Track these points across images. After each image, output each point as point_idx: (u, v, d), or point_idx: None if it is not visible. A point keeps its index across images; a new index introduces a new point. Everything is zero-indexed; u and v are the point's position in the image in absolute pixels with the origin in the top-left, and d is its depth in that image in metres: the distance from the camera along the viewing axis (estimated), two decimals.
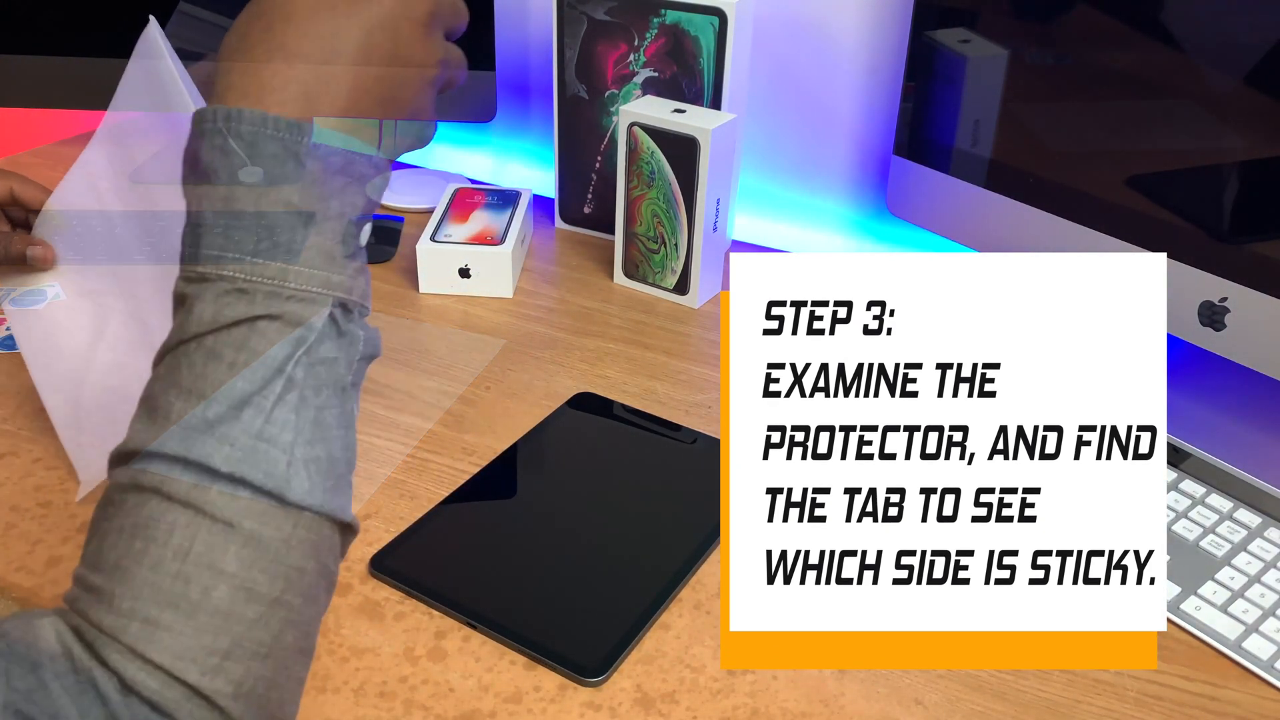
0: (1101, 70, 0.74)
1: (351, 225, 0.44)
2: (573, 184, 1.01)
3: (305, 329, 0.42)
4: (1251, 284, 0.68)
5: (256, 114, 0.42)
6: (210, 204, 0.42)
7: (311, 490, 0.41)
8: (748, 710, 0.53)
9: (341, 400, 0.44)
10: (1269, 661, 0.56)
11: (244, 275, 0.41)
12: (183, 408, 0.41)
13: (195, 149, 0.42)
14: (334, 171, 0.43)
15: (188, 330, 0.42)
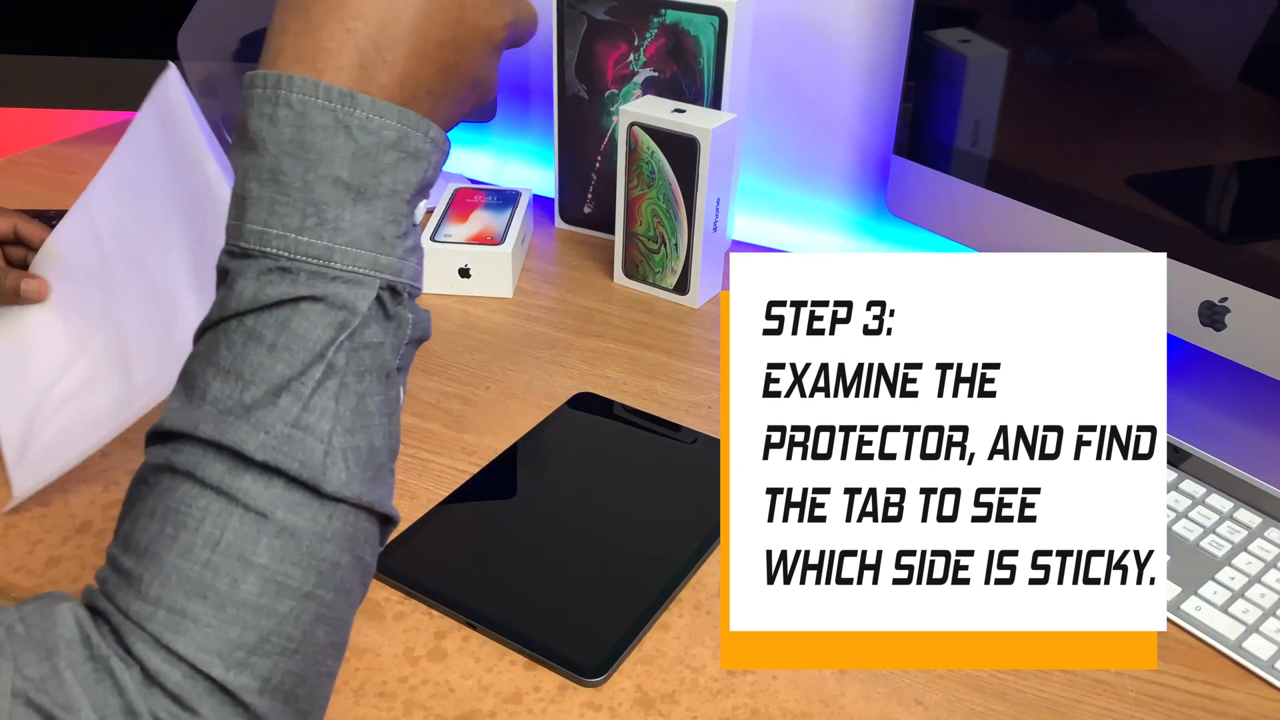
0: (1101, 70, 0.74)
1: (404, 204, 0.42)
2: (573, 184, 1.01)
3: (349, 312, 0.40)
4: (1251, 284, 0.68)
5: (308, 82, 0.39)
6: (256, 175, 0.40)
7: (349, 481, 0.40)
8: (748, 710, 0.53)
9: (385, 386, 0.42)
10: (1269, 662, 0.56)
11: (288, 253, 0.39)
12: (220, 388, 0.39)
13: (243, 116, 0.40)
14: (388, 146, 0.41)
15: (228, 307, 0.40)
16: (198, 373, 0.40)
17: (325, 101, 0.39)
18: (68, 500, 0.65)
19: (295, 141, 0.39)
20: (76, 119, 1.23)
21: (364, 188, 0.40)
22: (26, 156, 1.15)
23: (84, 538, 0.62)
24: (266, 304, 0.39)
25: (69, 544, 0.61)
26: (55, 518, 0.63)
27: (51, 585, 0.58)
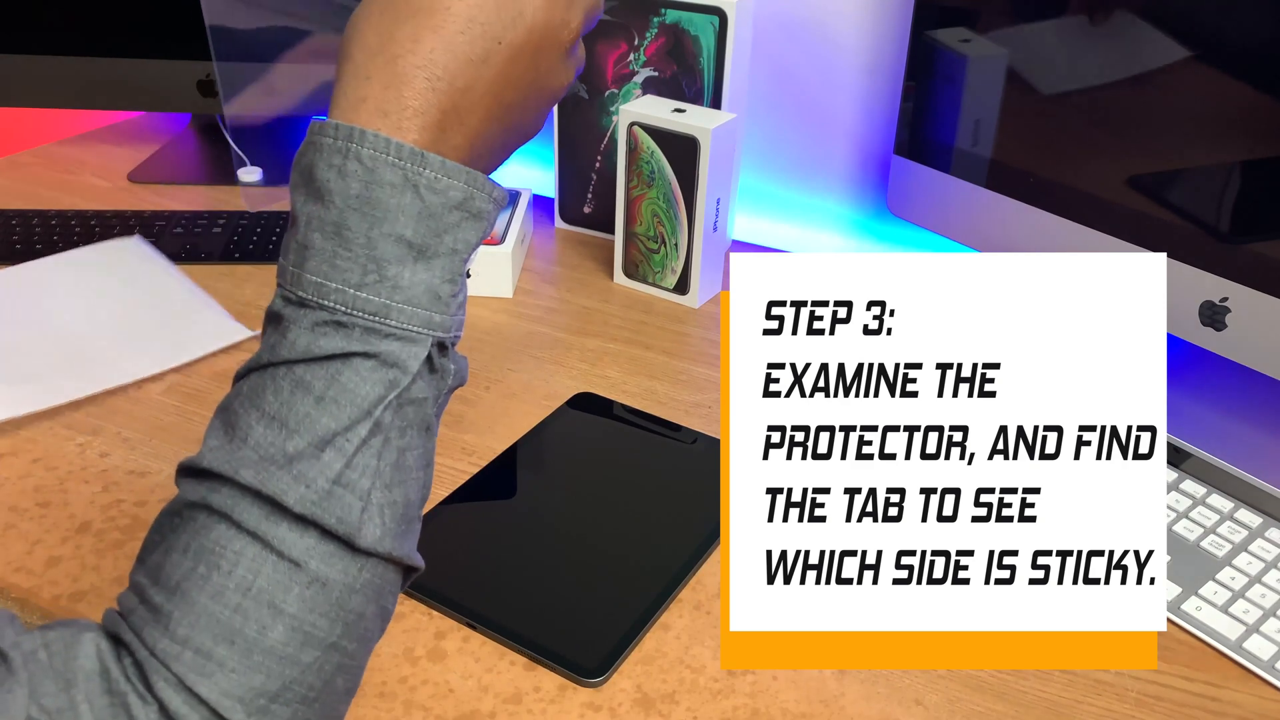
0: (1102, 70, 0.74)
1: (462, 263, 0.42)
2: (573, 184, 1.01)
3: (399, 371, 0.40)
4: (1251, 284, 0.68)
5: (380, 138, 0.39)
6: (320, 227, 0.40)
7: (383, 537, 0.40)
8: (748, 710, 0.53)
9: (425, 439, 0.42)
10: (1269, 662, 0.56)
11: (345, 307, 0.39)
12: (263, 433, 0.39)
13: (311, 162, 0.40)
14: (453, 206, 0.41)
15: (279, 354, 0.40)
16: (240, 414, 0.40)
17: (396, 159, 0.39)
18: (68, 500, 0.65)
19: (362, 197, 0.39)
20: (77, 119, 1.23)
21: (426, 247, 0.40)
22: (26, 156, 1.15)
23: (84, 538, 0.62)
24: (319, 356, 0.39)
25: (69, 544, 0.61)
26: (55, 518, 0.63)
27: (50, 585, 0.58)
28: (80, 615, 0.56)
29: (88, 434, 0.70)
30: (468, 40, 0.41)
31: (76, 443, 0.70)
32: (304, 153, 0.40)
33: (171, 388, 0.76)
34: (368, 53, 0.41)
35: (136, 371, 0.76)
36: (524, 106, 0.46)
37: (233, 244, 0.95)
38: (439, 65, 0.41)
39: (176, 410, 0.73)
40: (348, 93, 0.41)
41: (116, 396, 0.74)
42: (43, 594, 0.58)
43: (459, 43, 0.41)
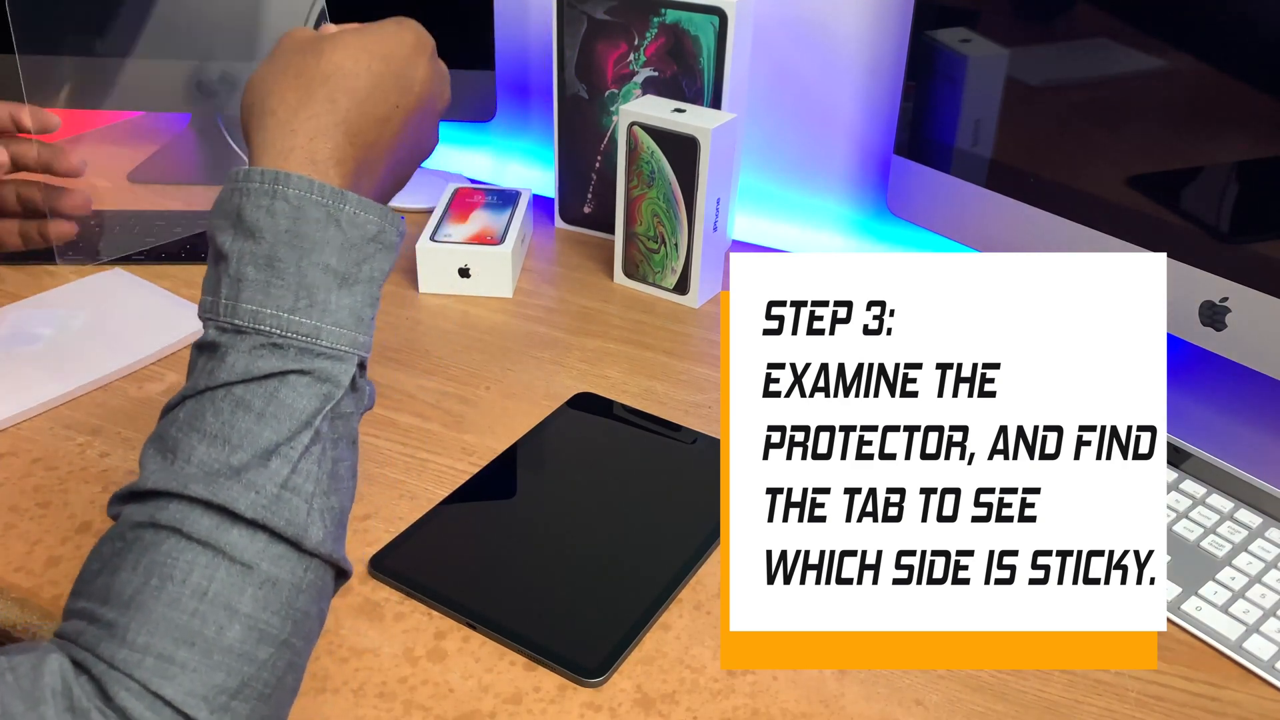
0: (1101, 70, 0.74)
1: (378, 289, 0.47)
2: (573, 184, 1.01)
3: (332, 385, 0.44)
4: (1251, 284, 0.68)
5: (304, 179, 0.44)
6: (253, 260, 0.44)
7: (324, 539, 0.43)
8: (748, 710, 0.53)
9: (352, 452, 0.46)
10: (1269, 662, 0.56)
11: (280, 330, 0.43)
12: (206, 451, 0.42)
13: (239, 205, 0.44)
14: (369, 238, 0.46)
15: (217, 378, 0.43)
16: (180, 438, 0.42)
17: (319, 197, 0.45)
18: (67, 500, 0.65)
19: (291, 231, 0.44)
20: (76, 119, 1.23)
21: (348, 274, 0.45)
22: None
23: (84, 538, 0.62)
24: (257, 376, 0.43)
25: (69, 544, 0.61)
26: (55, 518, 0.63)
27: (50, 585, 0.58)
28: None
29: (88, 434, 0.70)
30: (374, 103, 0.49)
31: (76, 443, 0.70)
32: (228, 197, 0.45)
33: (171, 388, 0.76)
34: (289, 110, 0.47)
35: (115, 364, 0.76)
36: (409, 161, 0.54)
37: None
38: (354, 123, 0.48)
39: None
40: (275, 144, 0.46)
41: (116, 396, 0.74)
42: (43, 594, 0.58)
43: (368, 105, 0.49)
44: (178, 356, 0.79)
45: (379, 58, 0.50)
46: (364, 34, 0.51)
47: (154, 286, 0.87)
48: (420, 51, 0.52)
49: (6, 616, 0.58)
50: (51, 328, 0.80)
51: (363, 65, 0.49)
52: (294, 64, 0.49)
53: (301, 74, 0.48)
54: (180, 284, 0.88)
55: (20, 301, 0.84)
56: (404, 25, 0.52)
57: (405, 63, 0.51)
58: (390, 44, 0.51)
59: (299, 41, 0.50)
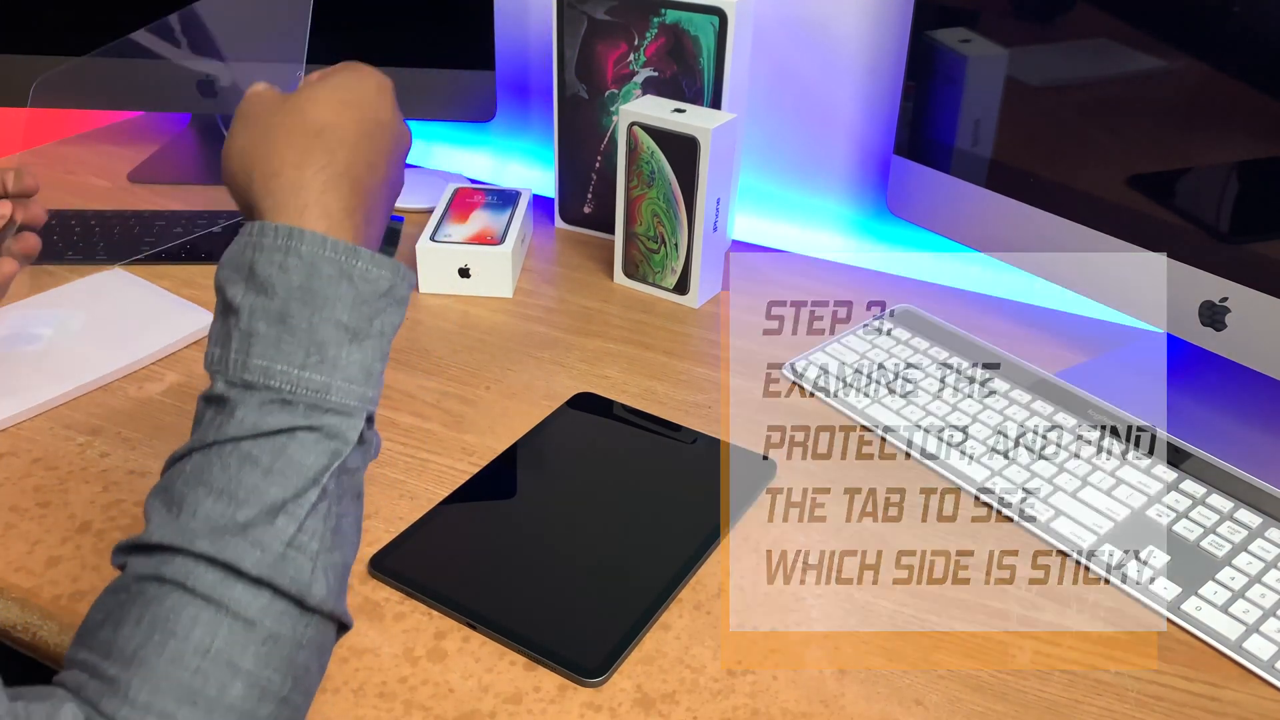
0: (1101, 70, 0.74)
1: (388, 343, 0.47)
2: (573, 184, 1.01)
3: (341, 442, 0.44)
4: (1251, 284, 0.68)
5: (317, 236, 0.44)
6: (265, 316, 0.44)
7: (327, 596, 0.43)
8: (748, 710, 0.53)
9: (357, 506, 0.46)
10: (1269, 662, 0.56)
11: (290, 386, 0.43)
12: (212, 506, 0.41)
13: (251, 260, 0.44)
14: (381, 293, 0.46)
15: (225, 433, 0.43)
16: (185, 491, 0.42)
17: (332, 254, 0.45)
18: (68, 500, 0.65)
19: (304, 288, 0.44)
20: (77, 119, 1.23)
21: (359, 330, 0.45)
22: (26, 156, 1.15)
23: (84, 538, 0.62)
24: (266, 432, 0.42)
25: (69, 544, 0.61)
26: (55, 518, 0.63)
27: (50, 585, 0.58)
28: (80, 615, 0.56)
29: (88, 434, 0.70)
30: (365, 150, 0.49)
31: (77, 443, 0.70)
32: (240, 251, 0.45)
33: (171, 388, 0.76)
34: (294, 167, 0.47)
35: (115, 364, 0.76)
36: (392, 202, 0.53)
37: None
38: (354, 171, 0.48)
39: (176, 410, 0.73)
40: (288, 203, 0.46)
41: (116, 396, 0.75)
42: (43, 594, 0.58)
43: (360, 152, 0.49)
44: (178, 356, 0.79)
45: (354, 105, 0.50)
46: (331, 86, 0.50)
47: (154, 286, 0.87)
48: (383, 94, 0.52)
49: (6, 616, 0.58)
50: (51, 328, 0.80)
51: (346, 116, 0.49)
52: (277, 125, 0.48)
53: (291, 133, 0.48)
54: (180, 284, 0.88)
55: (20, 301, 0.84)
56: (361, 71, 0.52)
57: (376, 108, 0.51)
58: (358, 91, 0.51)
59: (270, 103, 0.50)
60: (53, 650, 0.57)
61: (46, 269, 0.89)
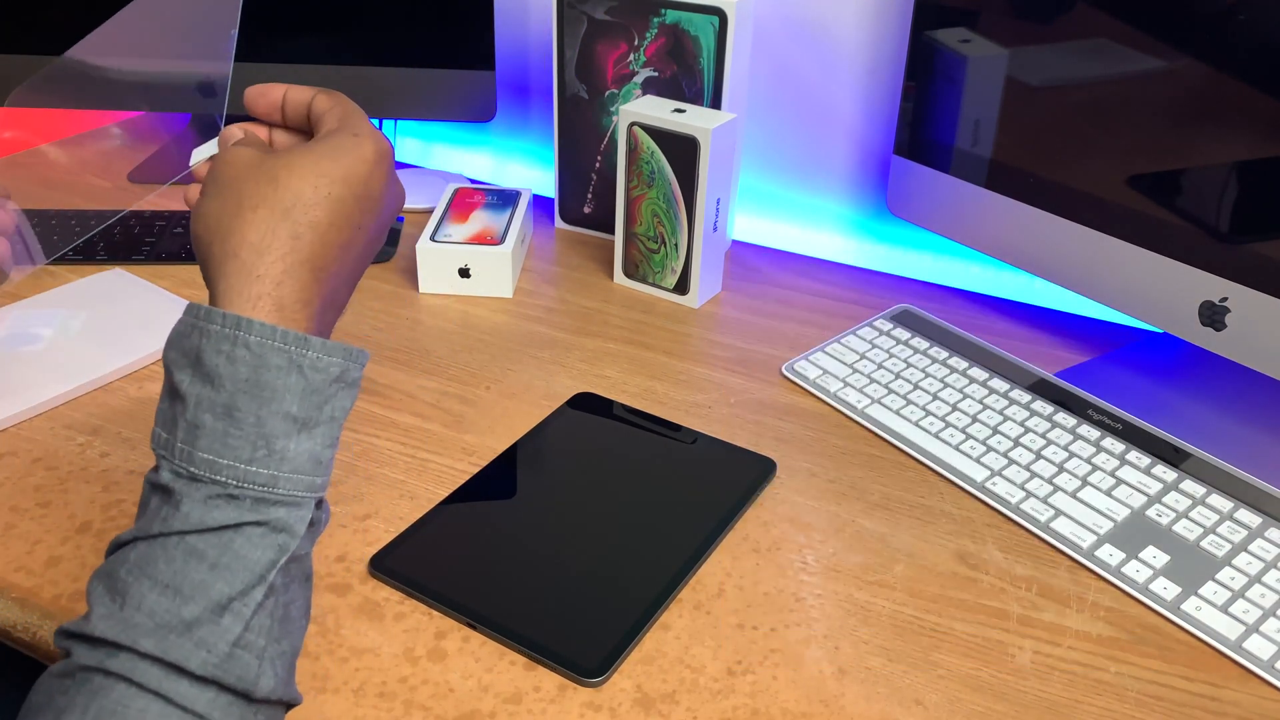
0: (1101, 70, 0.74)
1: (339, 427, 0.45)
2: (573, 184, 1.01)
3: (288, 535, 0.43)
4: (1251, 284, 0.68)
5: (267, 326, 0.43)
6: (211, 408, 0.42)
7: (276, 687, 0.42)
8: (748, 710, 0.53)
9: (305, 589, 0.46)
10: (1269, 661, 0.56)
11: (236, 481, 0.42)
12: (156, 600, 0.41)
13: (198, 346, 0.43)
14: (332, 380, 0.45)
15: (171, 526, 0.42)
16: (130, 582, 0.41)
17: (282, 344, 0.43)
18: (68, 500, 0.65)
19: (251, 380, 0.42)
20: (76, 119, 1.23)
21: (309, 419, 0.44)
22: (27, 156, 1.15)
23: (84, 538, 0.62)
24: (212, 527, 0.42)
25: (69, 544, 0.61)
26: (55, 518, 0.63)
27: (51, 585, 0.58)
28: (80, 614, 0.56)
29: (88, 434, 0.70)
30: (336, 230, 0.47)
31: (77, 443, 0.70)
32: (186, 334, 0.43)
33: None
34: (253, 251, 0.45)
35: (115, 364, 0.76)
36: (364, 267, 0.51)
37: None
38: (318, 257, 0.46)
39: None
40: (240, 290, 0.44)
41: (116, 396, 0.75)
42: (43, 594, 0.58)
43: (330, 234, 0.46)
44: None
45: (338, 181, 0.47)
46: (319, 155, 0.47)
47: (154, 286, 0.87)
48: (380, 164, 0.49)
49: (7, 616, 0.58)
50: (51, 328, 0.80)
51: (323, 192, 0.46)
52: (247, 195, 0.46)
53: (258, 207, 0.45)
54: (180, 284, 0.89)
55: (20, 301, 0.84)
56: (361, 139, 0.49)
57: (365, 182, 0.48)
58: (348, 163, 0.47)
59: (247, 167, 0.47)
60: (53, 650, 0.57)
61: (47, 269, 0.89)
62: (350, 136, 0.49)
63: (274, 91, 0.53)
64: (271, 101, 0.53)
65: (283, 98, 0.53)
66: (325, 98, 0.52)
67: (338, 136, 0.49)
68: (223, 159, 0.48)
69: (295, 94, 0.53)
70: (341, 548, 0.62)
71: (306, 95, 0.53)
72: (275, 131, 0.55)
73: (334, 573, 0.60)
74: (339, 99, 0.52)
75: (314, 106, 0.52)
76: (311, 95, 0.53)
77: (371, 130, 0.50)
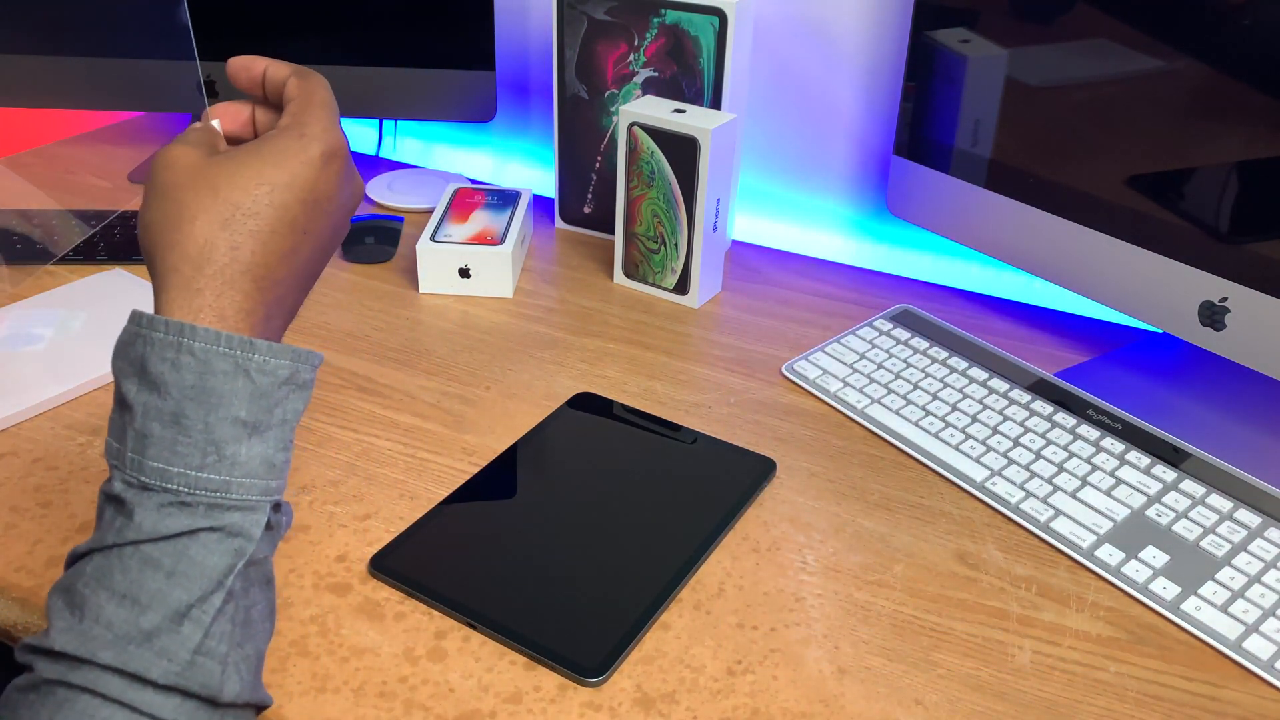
0: (1101, 70, 0.74)
1: (292, 430, 0.45)
2: (573, 184, 1.01)
3: (244, 539, 0.43)
4: (1251, 284, 0.68)
5: (210, 331, 0.42)
6: (158, 416, 0.42)
7: (241, 690, 0.42)
8: (748, 710, 0.53)
9: (267, 592, 0.45)
10: (1269, 661, 0.56)
11: (188, 488, 0.42)
12: (114, 611, 0.41)
13: (142, 355, 0.42)
14: (281, 382, 0.44)
15: (125, 536, 0.41)
16: (87, 594, 0.41)
17: (227, 349, 0.43)
18: (68, 500, 0.65)
19: (198, 387, 0.42)
20: (77, 119, 1.23)
21: (259, 423, 0.43)
22: (26, 157, 1.15)
23: (84, 537, 0.62)
24: (166, 535, 0.41)
25: (69, 544, 0.61)
26: (55, 518, 0.63)
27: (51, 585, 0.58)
28: None
29: (88, 434, 0.70)
30: (280, 238, 0.45)
31: (77, 443, 0.70)
32: (131, 343, 0.43)
33: None
34: (192, 265, 0.44)
35: None
36: (318, 269, 0.50)
37: None
38: (259, 266, 0.45)
39: None
40: (180, 303, 0.43)
41: None
42: (43, 594, 0.58)
43: (273, 242, 0.45)
44: None
45: (280, 187, 0.45)
46: (263, 160, 0.46)
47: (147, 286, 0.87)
48: (328, 166, 0.47)
49: (7, 616, 0.58)
50: (51, 328, 0.80)
51: (263, 201, 0.45)
52: (186, 204, 0.44)
53: (195, 218, 0.44)
54: None
55: (20, 301, 0.84)
56: (307, 141, 0.47)
57: (310, 187, 0.46)
58: (292, 167, 0.46)
59: (186, 175, 0.45)
60: None
61: (47, 269, 0.89)
62: (296, 138, 0.47)
63: (256, 65, 0.51)
64: (253, 76, 0.52)
65: (263, 73, 0.51)
66: (296, 83, 0.50)
67: (284, 138, 0.47)
68: (163, 161, 0.46)
69: (274, 70, 0.51)
70: (341, 548, 0.62)
71: (283, 73, 0.51)
72: (257, 109, 0.53)
73: (334, 573, 0.60)
74: (307, 87, 0.50)
75: (286, 90, 0.50)
76: (287, 74, 0.51)
77: (323, 128, 0.48)
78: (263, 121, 0.53)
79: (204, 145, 0.48)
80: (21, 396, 0.72)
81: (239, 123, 0.53)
